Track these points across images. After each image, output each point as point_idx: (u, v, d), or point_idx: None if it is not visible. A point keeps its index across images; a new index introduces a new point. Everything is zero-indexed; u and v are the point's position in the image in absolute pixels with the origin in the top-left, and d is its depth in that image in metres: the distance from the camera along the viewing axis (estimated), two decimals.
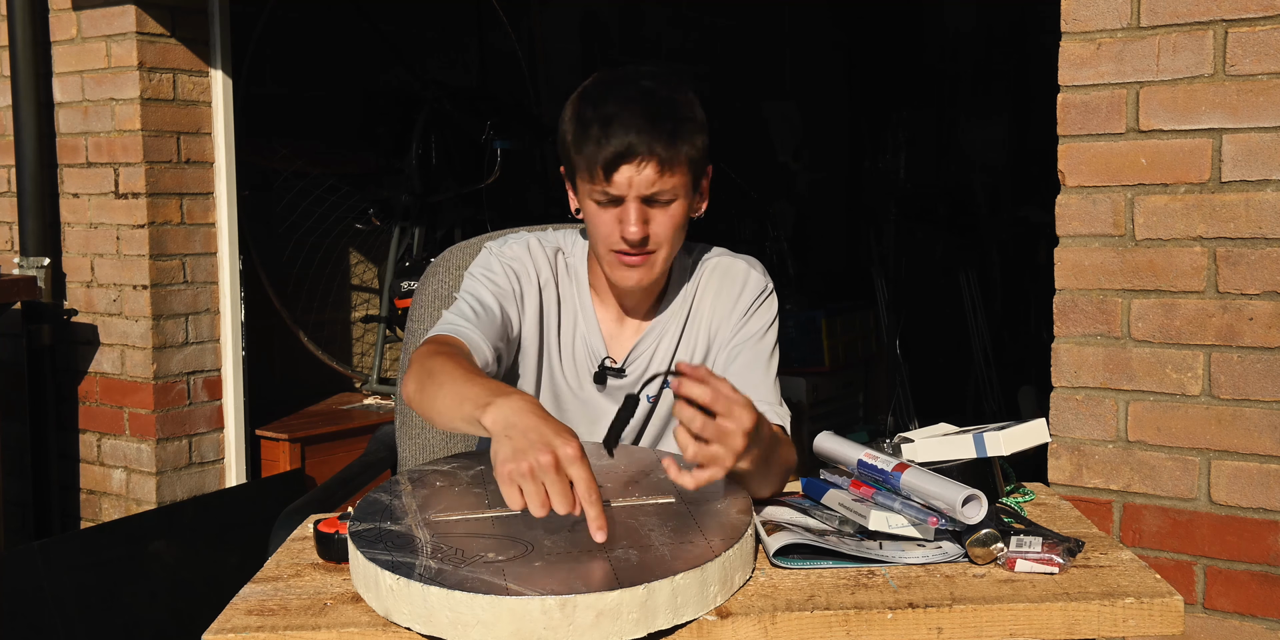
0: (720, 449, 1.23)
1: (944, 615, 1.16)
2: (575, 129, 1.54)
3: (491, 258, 1.69)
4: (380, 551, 1.17)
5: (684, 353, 1.72)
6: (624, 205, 1.54)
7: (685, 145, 1.52)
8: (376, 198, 4.17)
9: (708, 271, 1.73)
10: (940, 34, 6.44)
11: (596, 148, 1.51)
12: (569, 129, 1.56)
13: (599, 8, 5.44)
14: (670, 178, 1.52)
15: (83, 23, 3.44)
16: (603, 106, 1.52)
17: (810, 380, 4.86)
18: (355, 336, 4.57)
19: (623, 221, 1.54)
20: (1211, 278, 2.00)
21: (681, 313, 1.72)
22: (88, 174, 3.48)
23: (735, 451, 1.24)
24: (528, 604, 1.06)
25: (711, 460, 1.23)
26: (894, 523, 1.31)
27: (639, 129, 1.50)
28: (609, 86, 1.56)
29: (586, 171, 1.54)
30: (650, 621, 1.10)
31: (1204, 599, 2.04)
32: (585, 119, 1.53)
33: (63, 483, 3.59)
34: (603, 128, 1.50)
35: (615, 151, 1.50)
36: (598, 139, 1.50)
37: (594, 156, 1.51)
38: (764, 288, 1.72)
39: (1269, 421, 1.97)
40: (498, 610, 1.07)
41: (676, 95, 1.55)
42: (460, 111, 4.34)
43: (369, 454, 2.02)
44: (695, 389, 1.23)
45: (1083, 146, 2.09)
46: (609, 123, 1.50)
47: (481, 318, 1.59)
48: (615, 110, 1.51)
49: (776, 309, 1.74)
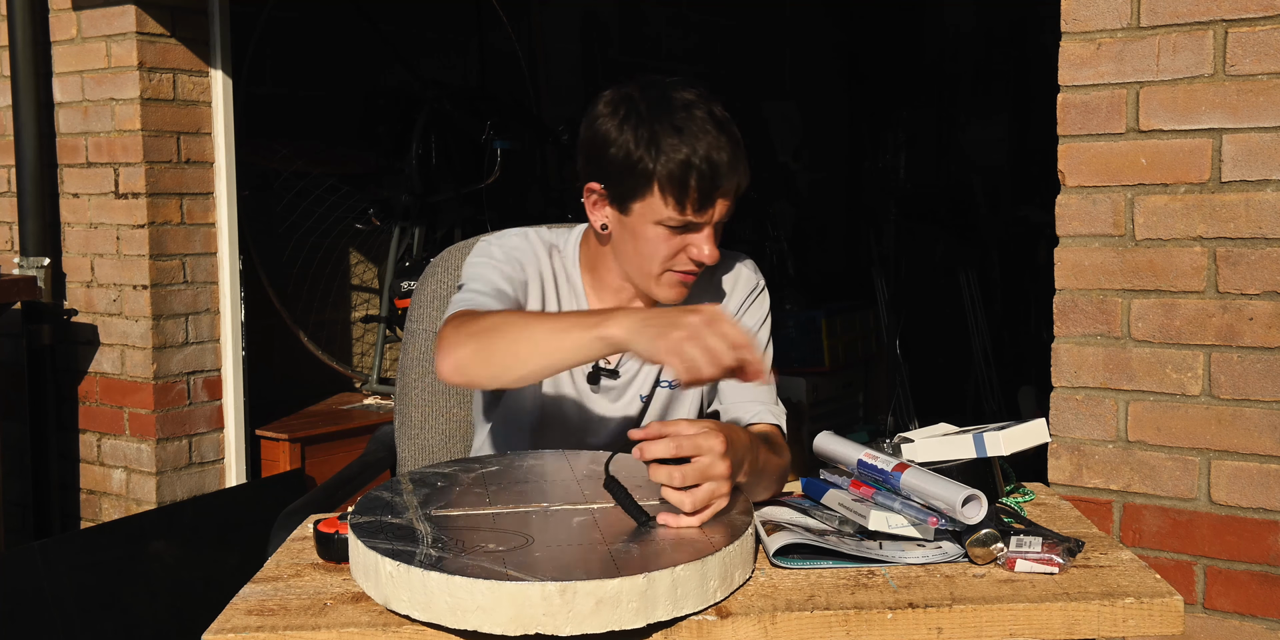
0: (710, 484, 1.25)
1: (944, 615, 1.16)
2: (652, 152, 1.49)
3: (492, 247, 1.67)
4: (381, 541, 1.17)
5: None
6: (701, 231, 1.54)
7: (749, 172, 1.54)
8: (376, 198, 4.16)
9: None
10: (940, 34, 6.44)
11: (691, 175, 1.48)
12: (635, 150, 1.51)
13: (599, 8, 5.44)
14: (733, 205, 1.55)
15: (83, 23, 3.44)
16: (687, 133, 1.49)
17: (810, 380, 4.85)
18: (355, 336, 4.57)
19: (694, 245, 1.54)
20: (1211, 278, 2.00)
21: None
22: (88, 174, 3.48)
23: (724, 476, 1.25)
24: (527, 589, 1.06)
25: (709, 499, 1.25)
26: (894, 523, 1.31)
27: (731, 158, 1.50)
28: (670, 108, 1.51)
29: (675, 198, 1.50)
30: (650, 612, 1.10)
31: (1204, 599, 2.04)
32: (669, 144, 1.49)
33: (63, 483, 3.59)
34: (696, 155, 1.48)
35: (714, 182, 1.49)
36: (694, 168, 1.48)
37: (685, 184, 1.49)
38: (755, 285, 1.72)
39: (1269, 421, 1.97)
40: (497, 595, 1.07)
41: (729, 115, 1.54)
42: (460, 111, 4.33)
43: (368, 454, 2.02)
44: (657, 448, 1.25)
45: (1083, 146, 2.09)
46: (698, 149, 1.48)
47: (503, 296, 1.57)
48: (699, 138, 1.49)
49: (769, 306, 1.74)
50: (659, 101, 1.52)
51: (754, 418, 1.62)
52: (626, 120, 1.52)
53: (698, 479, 1.24)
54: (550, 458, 1.54)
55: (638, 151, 1.50)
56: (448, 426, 1.92)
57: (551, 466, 1.49)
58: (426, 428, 1.92)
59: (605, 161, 1.55)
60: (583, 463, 1.49)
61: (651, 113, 1.51)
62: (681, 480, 1.24)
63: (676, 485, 1.24)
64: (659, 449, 1.24)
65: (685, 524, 1.24)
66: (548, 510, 1.29)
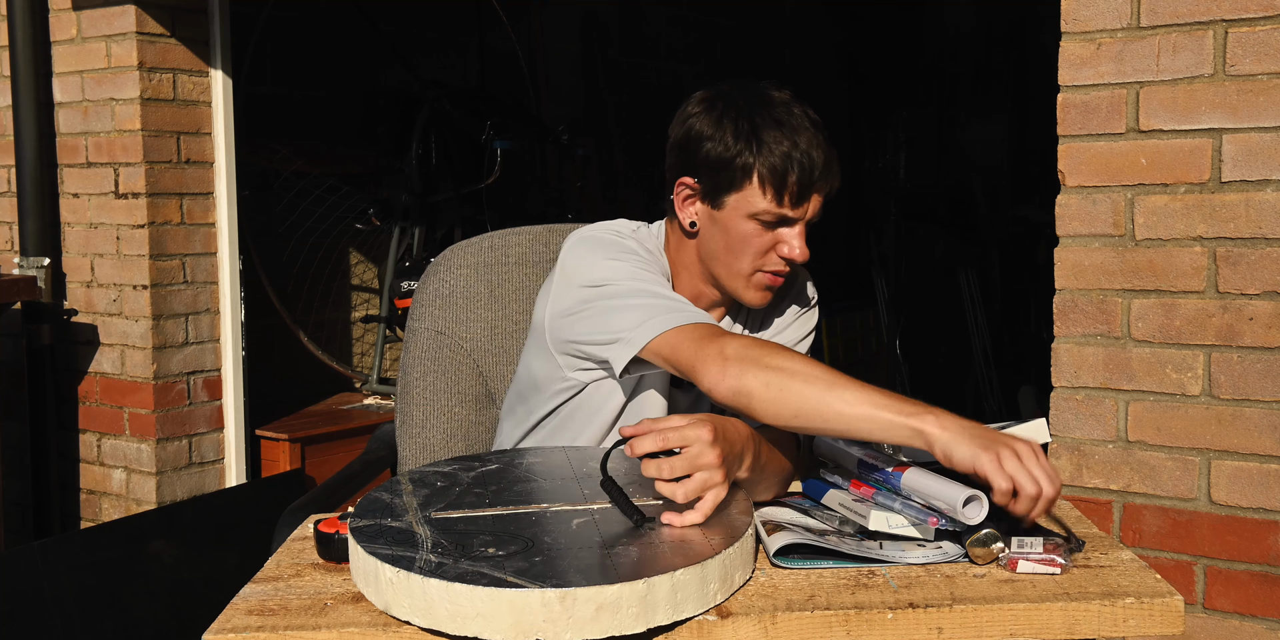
0: (702, 473, 1.25)
1: (944, 615, 1.16)
2: (755, 145, 1.51)
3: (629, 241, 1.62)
4: (380, 546, 1.17)
5: None
6: (793, 227, 1.55)
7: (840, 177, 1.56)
8: (376, 198, 4.16)
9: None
10: (940, 34, 6.44)
11: (791, 168, 1.50)
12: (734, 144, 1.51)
13: (599, 8, 5.44)
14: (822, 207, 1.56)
15: (83, 23, 3.44)
16: (784, 128, 1.51)
17: None
18: (355, 336, 4.57)
19: (786, 243, 1.55)
20: (1211, 278, 2.00)
21: (743, 315, 1.75)
22: (88, 174, 3.48)
23: (715, 465, 1.25)
24: (527, 596, 1.06)
25: (702, 488, 1.25)
26: (894, 523, 1.31)
27: (827, 156, 1.52)
28: (769, 106, 1.53)
29: (771, 190, 1.51)
30: (650, 616, 1.10)
31: (1204, 599, 2.04)
32: (767, 137, 1.50)
33: (63, 483, 3.59)
34: (796, 149, 1.50)
35: (810, 177, 1.51)
36: (794, 160, 1.50)
37: (785, 177, 1.50)
38: (811, 298, 1.77)
39: (1269, 421, 1.97)
40: (497, 602, 1.07)
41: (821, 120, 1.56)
42: (460, 111, 4.33)
43: (368, 453, 2.02)
44: (644, 443, 1.25)
45: (1083, 146, 2.09)
46: (800, 145, 1.50)
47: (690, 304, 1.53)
48: (799, 133, 1.51)
49: (817, 322, 1.78)
50: (757, 98, 1.55)
51: None
52: (725, 115, 1.54)
53: (687, 469, 1.24)
54: (551, 455, 1.53)
55: (737, 145, 1.52)
56: (449, 425, 1.92)
57: (552, 465, 1.49)
58: (428, 426, 1.92)
59: (701, 156, 1.54)
60: (583, 460, 1.49)
61: (750, 108, 1.53)
62: (670, 471, 1.24)
63: (666, 477, 1.25)
64: (647, 443, 1.25)
65: (687, 521, 1.24)
66: (547, 512, 1.29)
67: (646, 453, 1.25)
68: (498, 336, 1.92)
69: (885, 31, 6.52)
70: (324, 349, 4.26)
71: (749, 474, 1.35)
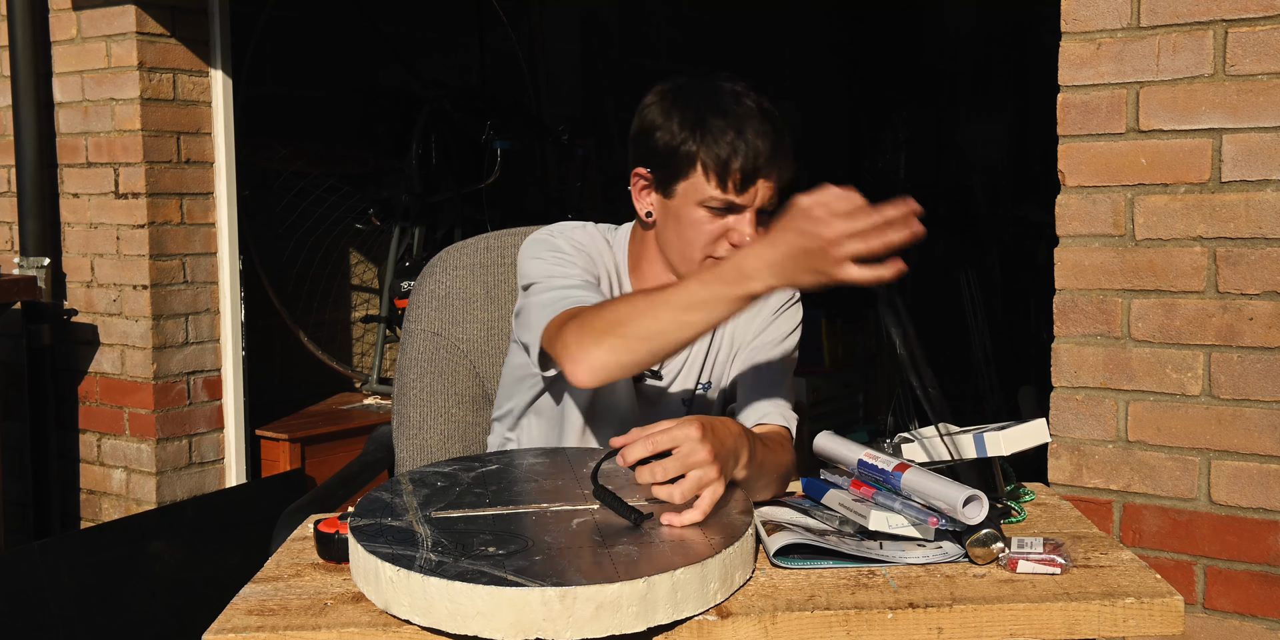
0: (696, 471, 1.25)
1: (944, 615, 1.16)
2: (699, 134, 1.52)
3: (557, 239, 1.65)
4: (381, 545, 1.17)
5: (713, 355, 1.73)
6: (741, 215, 1.55)
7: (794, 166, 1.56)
8: (376, 198, 4.16)
9: None
10: (940, 34, 6.44)
11: (734, 155, 1.51)
12: (680, 133, 1.54)
13: (599, 8, 5.44)
14: (778, 193, 1.56)
15: (83, 23, 3.44)
16: (732, 116, 1.52)
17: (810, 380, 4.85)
18: (355, 336, 4.57)
19: (736, 230, 1.55)
20: (1211, 278, 2.00)
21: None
22: (88, 174, 3.48)
23: (707, 461, 1.25)
24: (527, 595, 1.06)
25: (698, 487, 1.25)
26: (894, 523, 1.31)
27: (774, 142, 1.52)
28: (719, 96, 1.55)
29: (717, 177, 1.53)
30: (650, 616, 1.10)
31: (1204, 599, 2.04)
32: (715, 125, 1.52)
33: (63, 483, 3.59)
34: (741, 136, 1.51)
35: (756, 162, 1.51)
36: (737, 147, 1.51)
37: (728, 164, 1.51)
38: (791, 297, 1.74)
39: (1269, 421, 1.97)
40: (497, 601, 1.07)
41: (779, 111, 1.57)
42: (460, 111, 4.33)
43: (366, 454, 2.02)
44: (634, 450, 1.25)
45: (1083, 146, 2.09)
46: (744, 132, 1.51)
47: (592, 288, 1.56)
48: (748, 121, 1.52)
49: (801, 318, 1.76)
50: (707, 89, 1.56)
51: (762, 418, 1.63)
52: (674, 106, 1.56)
53: (680, 470, 1.24)
54: (550, 456, 1.53)
55: (683, 133, 1.54)
56: (446, 426, 1.92)
57: (551, 465, 1.49)
58: (425, 428, 1.92)
59: (651, 146, 1.57)
60: (583, 460, 1.49)
61: (699, 99, 1.55)
62: (664, 474, 1.24)
63: (660, 480, 1.25)
64: (637, 450, 1.25)
65: (686, 521, 1.23)
66: (547, 511, 1.29)
67: (638, 460, 1.25)
68: (494, 337, 1.92)
69: (885, 31, 6.52)
70: (324, 349, 4.26)
71: (747, 471, 1.35)
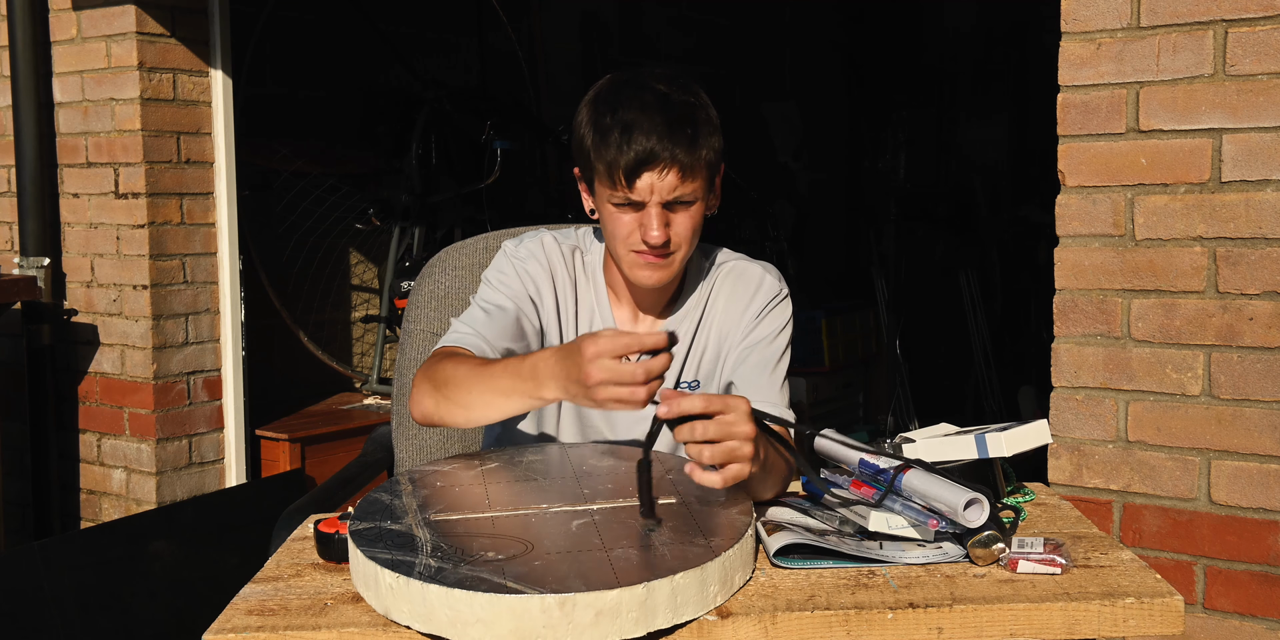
0: (733, 442, 1.25)
1: (944, 615, 1.16)
2: (594, 135, 1.54)
3: (505, 259, 1.70)
4: (380, 550, 1.17)
5: (695, 354, 1.73)
6: (645, 210, 1.55)
7: (704, 149, 1.54)
8: (376, 198, 4.16)
9: (723, 274, 1.74)
10: (940, 34, 6.44)
11: (618, 154, 1.51)
12: (587, 134, 1.56)
13: (599, 8, 5.44)
14: (690, 182, 1.54)
15: (83, 23, 3.44)
16: (621, 112, 1.53)
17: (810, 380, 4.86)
18: (355, 336, 4.57)
19: (644, 226, 1.56)
20: (1211, 278, 2.00)
21: (695, 313, 1.73)
22: (88, 174, 3.48)
23: (748, 435, 1.25)
24: (527, 602, 1.06)
25: (729, 456, 1.25)
26: (894, 524, 1.31)
27: (660, 135, 1.51)
28: (624, 91, 1.56)
29: (607, 177, 1.54)
30: (650, 621, 1.10)
31: (1204, 599, 2.04)
32: (604, 125, 1.53)
33: (63, 483, 3.59)
34: (624, 134, 1.51)
35: (638, 158, 1.51)
36: (619, 145, 1.51)
37: (615, 162, 1.52)
38: (778, 292, 1.73)
39: (1269, 421, 1.97)
40: (497, 609, 1.07)
41: (692, 98, 1.56)
42: (460, 111, 4.33)
43: (366, 455, 2.02)
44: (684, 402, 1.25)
45: (1083, 146, 2.09)
46: (630, 129, 1.51)
47: (493, 318, 1.61)
48: (635, 116, 1.52)
49: (790, 315, 1.75)
50: (615, 86, 1.58)
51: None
52: (587, 105, 1.59)
53: (718, 435, 1.24)
54: (550, 452, 1.53)
55: (583, 134, 1.57)
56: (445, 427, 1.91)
57: (551, 463, 1.49)
58: (423, 428, 1.92)
59: (573, 146, 1.61)
60: (582, 458, 1.49)
61: (607, 97, 1.57)
62: (703, 433, 1.24)
63: (698, 439, 1.24)
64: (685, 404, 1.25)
65: (706, 481, 1.24)
66: (547, 513, 1.29)
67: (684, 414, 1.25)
68: None
69: (885, 32, 6.52)
70: (324, 349, 4.26)
71: (756, 469, 1.35)
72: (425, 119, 4.23)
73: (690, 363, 1.73)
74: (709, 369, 1.74)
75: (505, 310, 1.62)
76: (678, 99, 1.54)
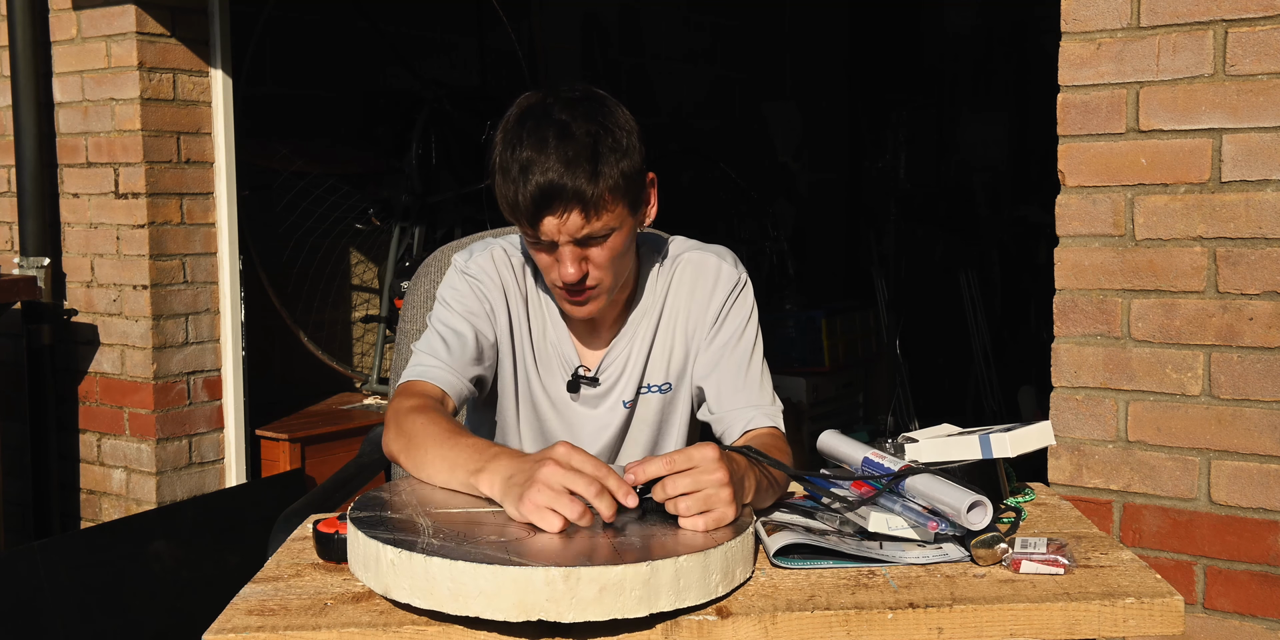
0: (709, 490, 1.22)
1: (944, 615, 1.16)
2: (498, 173, 1.49)
3: (457, 276, 1.65)
4: (382, 531, 1.18)
5: (662, 355, 1.70)
6: (558, 249, 1.50)
7: (608, 180, 1.45)
8: (376, 198, 4.17)
9: (679, 268, 1.69)
10: (940, 34, 6.44)
11: (518, 195, 1.45)
12: (495, 169, 1.50)
13: (599, 8, 5.44)
14: (599, 217, 1.47)
15: (83, 23, 3.44)
16: (519, 149, 1.46)
17: (810, 380, 4.85)
18: (355, 336, 4.57)
19: (560, 265, 1.50)
20: (1211, 278, 2.00)
21: (654, 313, 1.69)
22: (88, 174, 3.48)
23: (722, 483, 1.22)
24: (531, 574, 1.06)
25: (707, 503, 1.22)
26: (894, 524, 1.31)
27: (558, 173, 1.43)
28: (526, 123, 1.48)
29: (514, 217, 1.49)
30: (653, 601, 1.10)
31: (1204, 599, 2.04)
32: (505, 162, 1.47)
33: (63, 483, 3.59)
34: (522, 174, 1.44)
35: (535, 202, 1.44)
36: (518, 187, 1.45)
37: (517, 204, 1.46)
38: (736, 280, 1.68)
39: (1269, 421, 1.97)
40: (500, 580, 1.07)
41: (595, 124, 1.47)
42: (460, 111, 4.33)
43: (363, 456, 2.02)
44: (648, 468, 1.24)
45: (1083, 146, 2.09)
46: (527, 170, 1.44)
47: (453, 348, 1.57)
48: (531, 155, 1.44)
49: (753, 301, 1.70)
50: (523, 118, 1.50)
51: (749, 425, 1.60)
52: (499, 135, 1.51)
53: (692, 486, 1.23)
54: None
55: (494, 166, 1.50)
56: None
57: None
58: None
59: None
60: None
61: (512, 130, 1.49)
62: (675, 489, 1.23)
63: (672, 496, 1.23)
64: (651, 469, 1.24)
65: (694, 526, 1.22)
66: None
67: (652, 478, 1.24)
68: None
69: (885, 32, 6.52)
70: (324, 349, 4.26)
71: (750, 497, 1.34)
72: (425, 119, 4.23)
73: (657, 366, 1.70)
74: (678, 370, 1.70)
75: (462, 336, 1.59)
76: (579, 129, 1.45)
